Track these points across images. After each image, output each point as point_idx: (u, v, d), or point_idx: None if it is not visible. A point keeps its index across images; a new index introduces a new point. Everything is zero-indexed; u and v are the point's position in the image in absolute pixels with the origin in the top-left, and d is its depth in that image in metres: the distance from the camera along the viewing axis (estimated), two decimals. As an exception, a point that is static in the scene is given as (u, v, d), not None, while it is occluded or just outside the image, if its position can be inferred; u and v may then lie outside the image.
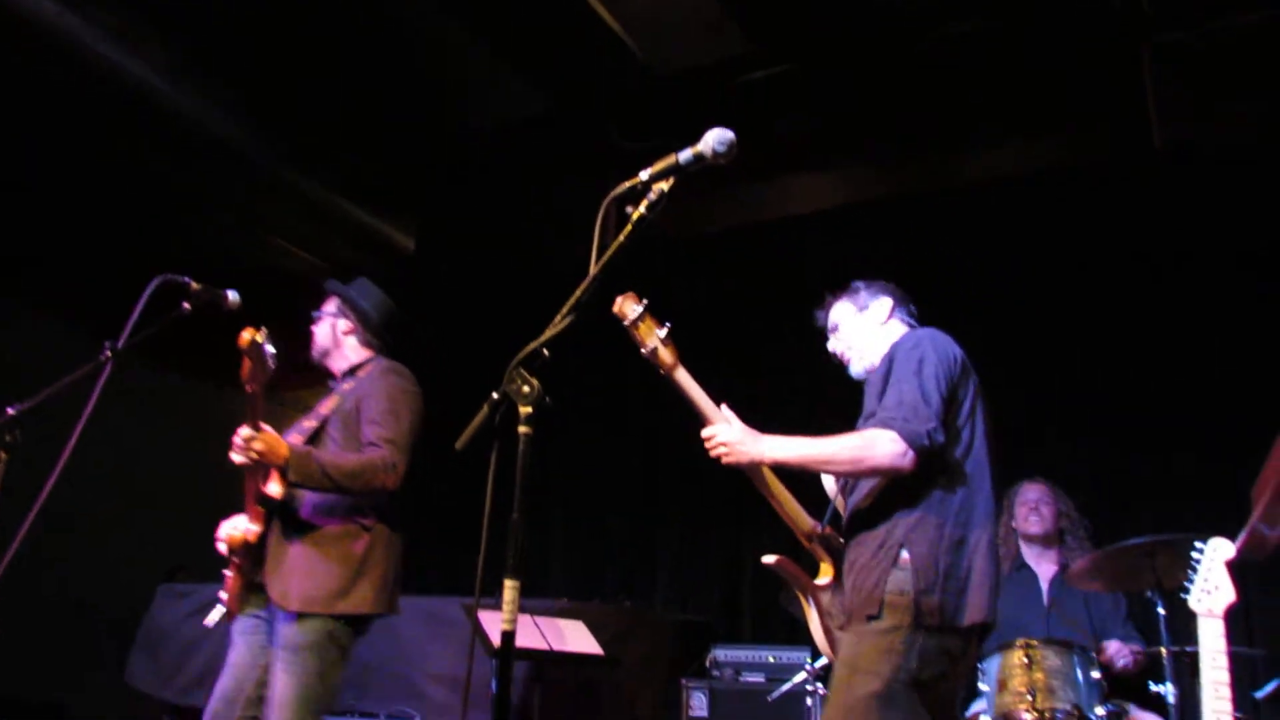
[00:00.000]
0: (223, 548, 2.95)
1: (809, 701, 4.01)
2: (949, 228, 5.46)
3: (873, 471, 2.43)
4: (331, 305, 3.32)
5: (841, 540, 2.61)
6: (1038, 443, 5.08)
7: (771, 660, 4.56)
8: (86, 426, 2.48)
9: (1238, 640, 2.67)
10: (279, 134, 5.53)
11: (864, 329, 2.77)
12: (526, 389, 1.75)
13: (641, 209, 1.89)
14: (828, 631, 2.60)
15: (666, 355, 2.49)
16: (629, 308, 2.47)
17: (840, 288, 2.87)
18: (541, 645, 3.78)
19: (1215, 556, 2.52)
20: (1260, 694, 3.32)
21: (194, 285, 2.79)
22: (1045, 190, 5.13)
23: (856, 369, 2.78)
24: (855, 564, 2.46)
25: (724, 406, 2.55)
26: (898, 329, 2.74)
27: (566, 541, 6.26)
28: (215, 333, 3.05)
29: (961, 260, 5.46)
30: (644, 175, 1.92)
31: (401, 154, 6.23)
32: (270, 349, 2.57)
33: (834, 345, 2.84)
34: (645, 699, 4.61)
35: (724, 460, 2.46)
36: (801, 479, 2.66)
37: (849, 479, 2.66)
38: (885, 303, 2.78)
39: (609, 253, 1.88)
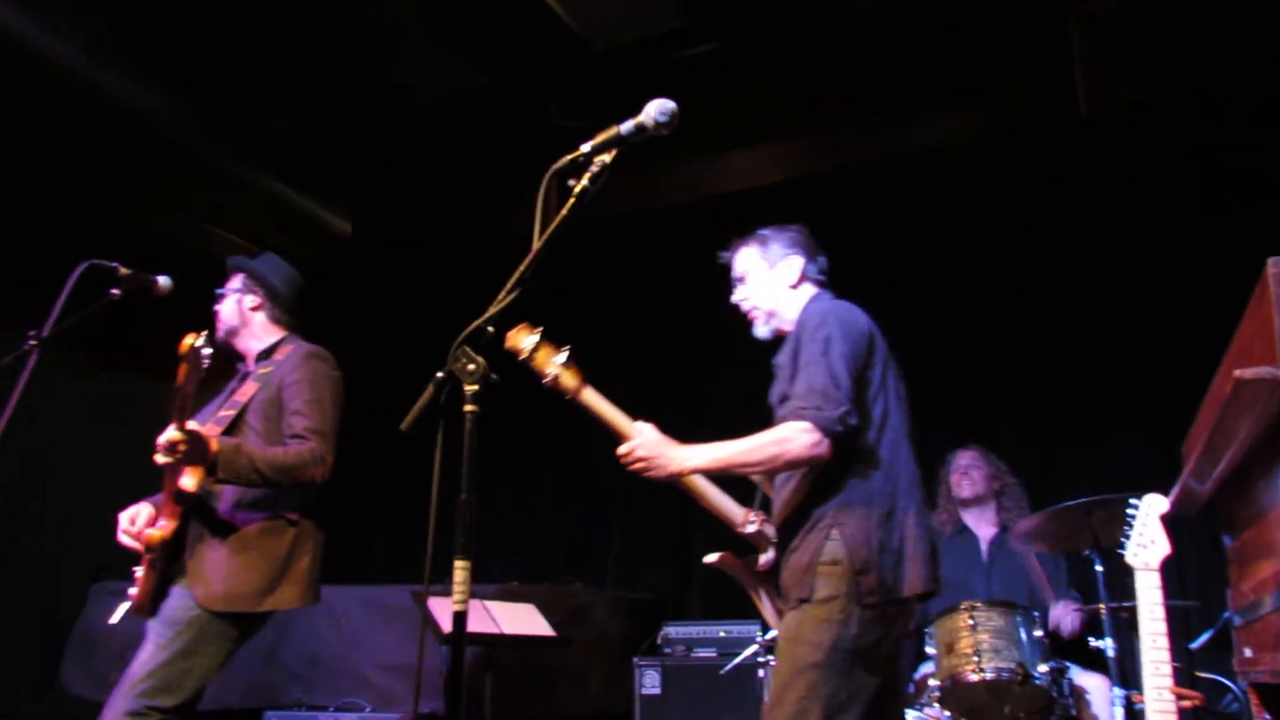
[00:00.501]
0: (125, 539, 2.84)
1: (761, 673, 4.04)
2: (887, 199, 5.51)
3: (791, 465, 2.41)
4: (236, 281, 3.18)
5: (775, 524, 2.62)
6: (974, 409, 5.19)
7: (723, 635, 4.60)
8: (10, 420, 2.39)
9: (1172, 593, 2.75)
10: (208, 116, 5.38)
11: (773, 289, 2.70)
12: (472, 367, 1.73)
13: (584, 181, 1.87)
14: (780, 613, 2.61)
15: (569, 380, 2.44)
16: (523, 340, 2.40)
17: (747, 232, 2.79)
18: (492, 629, 3.76)
19: (1150, 511, 2.60)
20: (1195, 644, 3.43)
21: (122, 270, 2.71)
22: (980, 159, 5.20)
23: (762, 331, 2.74)
24: (790, 548, 2.47)
25: (639, 421, 2.49)
26: (808, 292, 2.69)
27: (513, 524, 6.23)
28: (144, 322, 2.96)
29: (900, 231, 5.52)
30: (585, 148, 1.90)
31: (336, 135, 6.11)
32: (207, 351, 2.50)
33: (739, 296, 2.76)
34: (598, 678, 4.62)
35: (645, 475, 2.42)
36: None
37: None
38: (796, 263, 2.70)
39: (551, 227, 1.86)
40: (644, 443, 2.42)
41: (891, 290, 5.46)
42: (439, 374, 1.74)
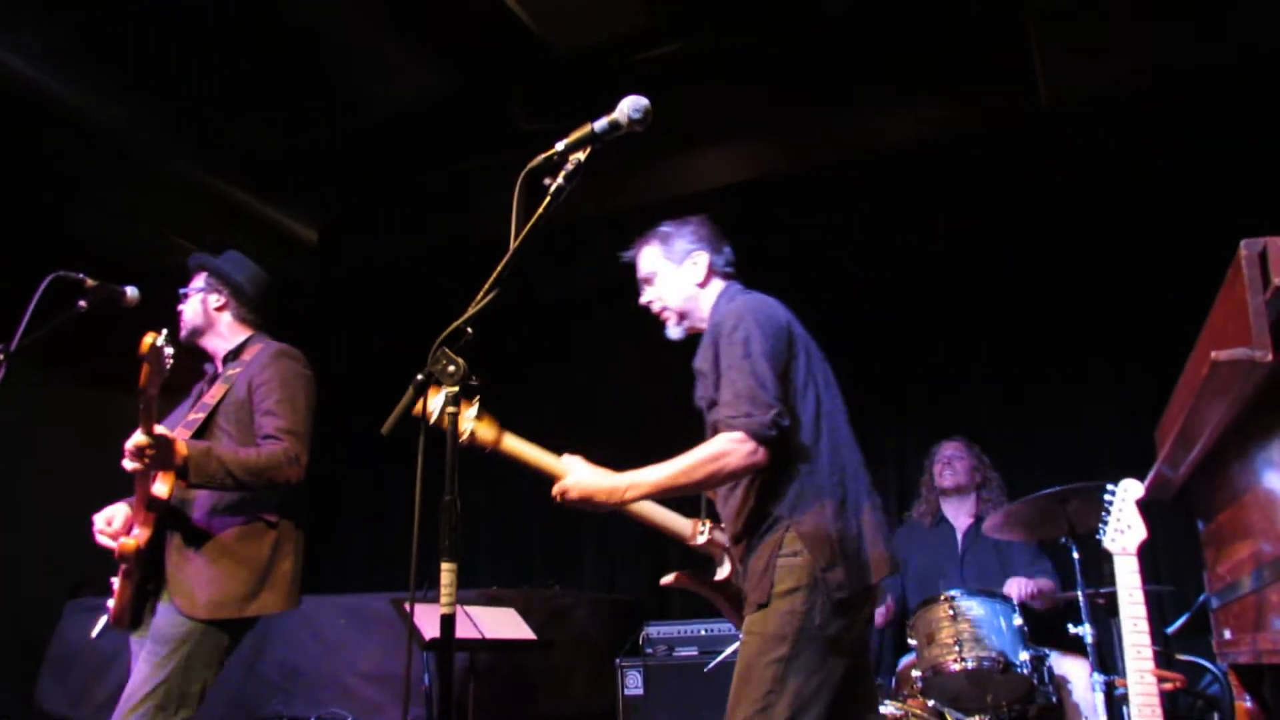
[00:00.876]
0: (103, 540, 2.76)
1: (744, 670, 4.05)
2: (855, 195, 5.53)
3: (731, 477, 2.35)
4: (199, 280, 3.11)
5: (724, 528, 2.57)
6: (950, 401, 5.22)
7: (704, 634, 4.60)
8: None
9: (1146, 578, 2.78)
10: (171, 126, 5.32)
11: (681, 289, 2.64)
12: (452, 368, 1.72)
13: (559, 180, 1.86)
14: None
15: (486, 433, 2.35)
16: (430, 401, 2.30)
17: (648, 231, 2.72)
18: (474, 635, 3.74)
19: (1126, 497, 2.63)
20: (1171, 629, 3.47)
21: (89, 282, 2.66)
22: (947, 153, 5.23)
23: (674, 332, 2.69)
24: (750, 552, 2.42)
25: (566, 456, 2.43)
26: (717, 287, 2.65)
27: (490, 529, 6.19)
28: (113, 334, 2.91)
29: (868, 226, 5.55)
30: (559, 146, 1.89)
31: (299, 143, 6.05)
32: (169, 350, 2.42)
33: (648, 298, 2.70)
34: (580, 680, 4.61)
35: (586, 509, 2.34)
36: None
37: None
38: (701, 260, 2.63)
39: (528, 226, 1.85)
40: (577, 481, 2.34)
41: (862, 286, 5.50)
42: (419, 376, 1.73)
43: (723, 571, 2.59)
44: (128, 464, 2.59)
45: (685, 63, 5.23)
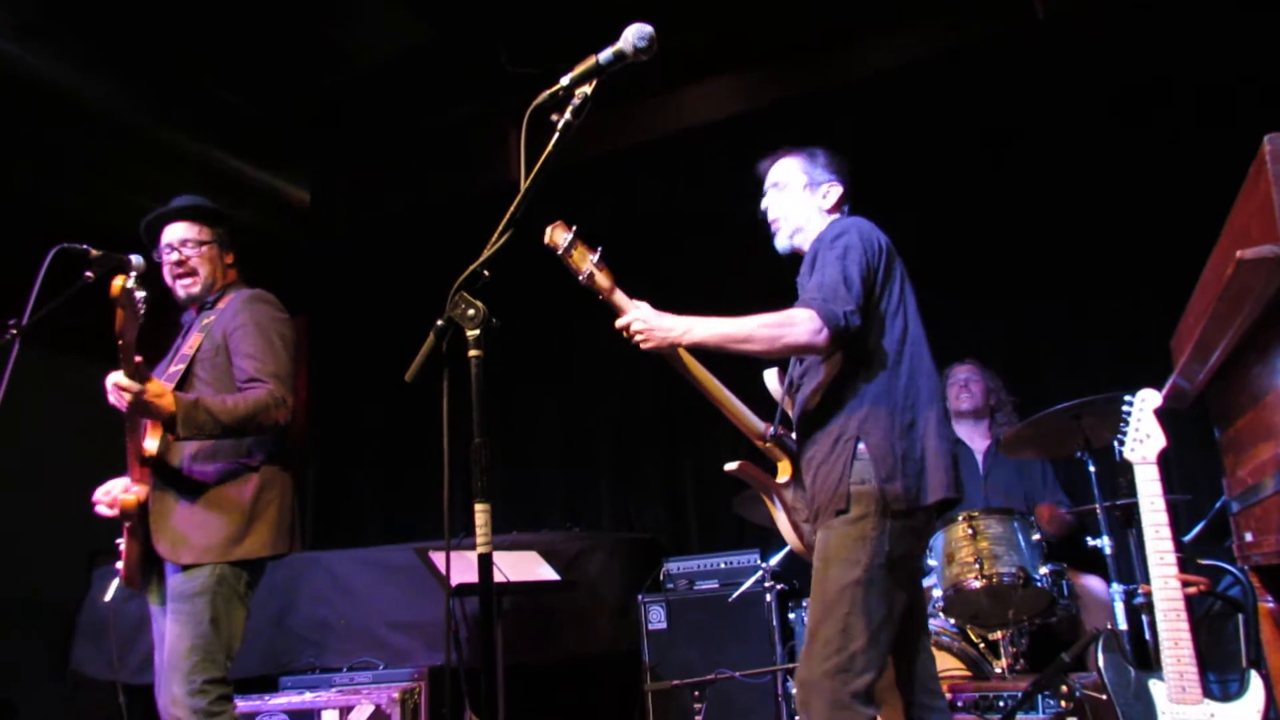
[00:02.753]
0: (104, 510, 2.80)
1: (768, 598, 4.11)
2: (850, 122, 5.46)
3: (789, 349, 2.44)
4: (204, 233, 3.06)
5: (794, 438, 2.65)
6: (961, 324, 5.19)
7: (723, 566, 4.65)
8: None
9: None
10: (154, 95, 5.25)
11: (806, 207, 2.71)
12: (471, 312, 1.71)
13: (567, 115, 1.84)
14: (795, 526, 2.64)
15: (603, 280, 2.44)
16: (559, 236, 2.39)
17: (798, 145, 2.77)
18: (499, 579, 3.79)
19: (1144, 407, 2.64)
20: (1187, 537, 3.50)
21: (93, 252, 2.64)
22: (942, 74, 5.14)
23: (782, 242, 2.74)
24: (814, 461, 2.49)
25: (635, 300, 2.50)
26: (832, 218, 2.71)
27: (505, 476, 6.22)
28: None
29: (865, 152, 5.45)
30: (564, 80, 1.87)
31: (286, 103, 5.97)
32: (141, 294, 2.43)
33: (769, 203, 2.76)
34: (604, 618, 4.67)
35: (642, 345, 2.42)
36: (745, 380, 2.68)
37: (792, 379, 2.69)
38: (836, 191, 2.71)
39: (538, 164, 1.83)
40: (640, 315, 2.42)
41: (861, 212, 5.44)
42: (439, 321, 1.72)
43: (783, 478, 2.67)
44: (111, 398, 2.59)
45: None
